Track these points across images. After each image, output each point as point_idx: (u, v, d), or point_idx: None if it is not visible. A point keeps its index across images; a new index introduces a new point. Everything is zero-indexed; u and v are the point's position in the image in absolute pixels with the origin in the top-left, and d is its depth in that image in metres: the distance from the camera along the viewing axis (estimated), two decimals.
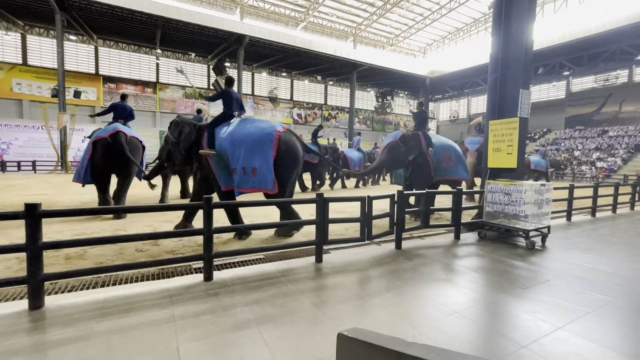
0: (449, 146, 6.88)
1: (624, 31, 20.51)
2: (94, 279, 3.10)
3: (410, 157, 6.50)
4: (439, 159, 6.63)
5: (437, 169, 6.64)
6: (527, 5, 5.32)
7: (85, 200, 7.70)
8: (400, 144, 6.57)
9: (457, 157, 6.83)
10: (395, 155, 6.60)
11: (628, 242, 5.12)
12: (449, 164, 6.69)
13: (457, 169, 6.75)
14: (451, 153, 6.77)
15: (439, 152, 6.64)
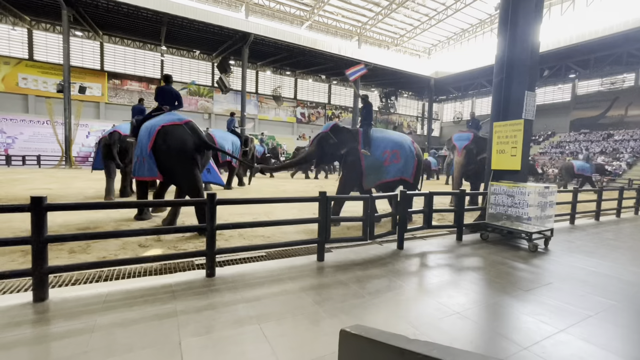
0: (395, 143, 6.05)
1: (631, 34, 20.31)
2: (97, 272, 3.13)
3: (342, 151, 5.91)
4: (378, 158, 5.88)
5: (378, 169, 5.90)
6: (534, 6, 5.29)
7: (89, 195, 7.75)
8: (330, 135, 5.96)
9: (405, 155, 5.99)
10: (324, 147, 5.99)
11: (632, 247, 5.09)
12: (394, 162, 5.93)
13: (404, 167, 5.97)
14: (397, 150, 5.99)
15: (381, 149, 5.92)
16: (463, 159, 7.90)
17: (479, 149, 7.86)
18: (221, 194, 8.75)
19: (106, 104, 24.53)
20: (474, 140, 7.98)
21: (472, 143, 7.94)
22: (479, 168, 7.85)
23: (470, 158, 7.90)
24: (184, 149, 4.70)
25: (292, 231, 5.16)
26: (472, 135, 8.06)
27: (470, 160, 7.90)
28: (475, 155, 7.88)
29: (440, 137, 39.37)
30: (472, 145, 7.90)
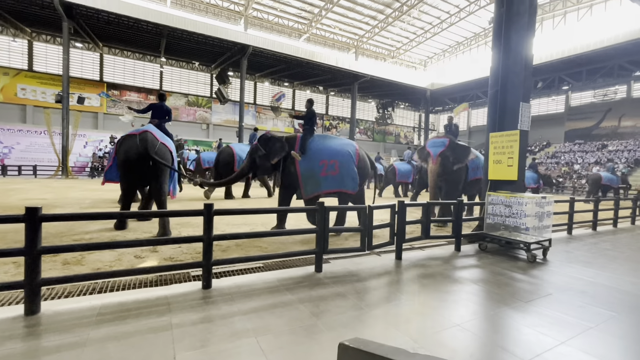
0: (333, 152, 5.61)
1: (622, 47, 20.81)
2: (91, 284, 3.07)
3: (272, 161, 5.68)
4: (314, 168, 5.50)
5: (314, 178, 5.49)
6: (527, 20, 5.42)
7: (85, 205, 7.69)
8: (258, 147, 5.78)
9: (344, 165, 5.56)
10: (254, 159, 5.83)
11: (629, 257, 5.09)
12: (331, 173, 5.50)
13: (341, 179, 5.52)
14: (335, 160, 5.54)
15: (318, 158, 5.53)
16: (438, 167, 7.04)
17: (455, 156, 7.12)
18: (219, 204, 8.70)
19: (104, 114, 24.59)
20: (450, 146, 7.17)
21: (449, 150, 7.13)
22: (456, 178, 7.27)
23: (446, 166, 7.07)
24: (126, 158, 5.21)
25: (289, 242, 5.12)
26: (447, 141, 7.21)
27: (447, 168, 7.07)
28: (452, 164, 7.08)
29: None
30: (448, 152, 7.11)
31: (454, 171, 7.17)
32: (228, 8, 27.58)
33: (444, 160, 7.09)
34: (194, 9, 26.96)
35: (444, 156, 7.10)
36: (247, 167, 5.94)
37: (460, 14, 28.94)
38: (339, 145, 5.78)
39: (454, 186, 7.29)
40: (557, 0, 26.74)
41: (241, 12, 27.97)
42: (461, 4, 27.77)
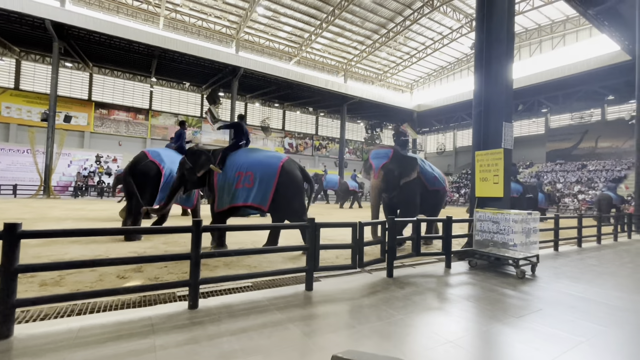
0: (252, 164, 5.43)
1: (594, 73, 22.14)
2: (69, 306, 2.92)
3: (198, 174, 5.59)
4: (229, 179, 5.36)
5: (228, 190, 5.34)
6: (506, 46, 5.74)
7: (65, 226, 7.42)
8: (186, 161, 5.71)
9: (260, 179, 5.30)
10: (183, 173, 5.73)
11: (614, 272, 5.18)
12: (245, 185, 5.29)
13: (256, 193, 5.27)
14: (251, 172, 5.34)
15: (235, 169, 5.41)
16: (380, 181, 6.25)
17: (402, 169, 6.31)
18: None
19: (91, 133, 24.28)
20: (394, 158, 6.39)
21: (392, 162, 6.34)
22: (409, 194, 6.40)
23: (389, 181, 6.27)
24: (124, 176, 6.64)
25: (279, 260, 5.02)
26: (391, 152, 6.44)
27: (390, 183, 6.29)
28: (397, 178, 6.29)
29: None
30: (391, 165, 6.30)
31: (403, 187, 6.35)
32: (220, 31, 28.28)
33: (387, 174, 6.27)
34: (186, 32, 27.53)
35: (387, 169, 6.28)
36: (177, 182, 5.81)
37: (444, 40, 30.44)
38: (262, 158, 5.54)
39: (410, 203, 6.43)
40: (533, 30, 28.50)
41: (233, 35, 28.70)
42: (444, 31, 29.27)
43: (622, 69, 19.85)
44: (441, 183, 7.09)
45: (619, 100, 25.01)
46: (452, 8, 25.96)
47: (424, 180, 6.60)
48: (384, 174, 6.28)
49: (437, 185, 6.93)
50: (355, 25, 27.94)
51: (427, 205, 6.84)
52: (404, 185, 6.35)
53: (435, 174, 7.03)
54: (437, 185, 6.93)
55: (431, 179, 6.82)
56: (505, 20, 5.81)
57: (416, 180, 6.42)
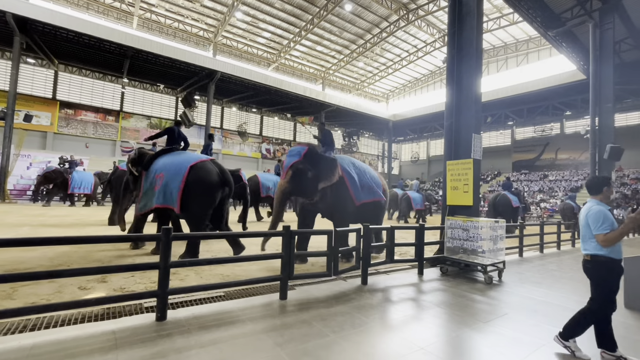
0: (164, 165, 5.42)
1: (553, 90, 23.86)
2: (22, 321, 2.70)
3: (129, 175, 5.89)
4: (151, 182, 5.43)
5: (149, 193, 5.39)
6: (475, 62, 6.06)
7: (22, 232, 6.89)
8: (130, 166, 6.02)
9: (165, 179, 5.22)
10: (128, 177, 6.10)
11: (572, 277, 5.52)
12: (157, 187, 5.26)
13: (160, 194, 5.20)
14: (162, 173, 5.29)
15: (155, 171, 5.46)
16: (287, 182, 5.20)
17: (317, 171, 5.33)
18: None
19: (55, 134, 22.88)
20: (308, 157, 5.34)
21: (305, 161, 5.29)
22: (336, 204, 5.51)
23: (300, 183, 5.24)
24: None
25: (254, 269, 4.93)
26: (305, 150, 5.40)
27: (301, 186, 5.27)
28: (312, 180, 5.28)
29: (400, 175, 41.42)
30: (303, 165, 5.25)
31: (328, 193, 5.46)
32: (197, 34, 27.79)
33: (296, 175, 5.21)
34: (161, 33, 26.81)
35: (296, 169, 5.22)
36: (125, 184, 6.33)
37: (418, 53, 31.66)
38: (178, 159, 5.45)
39: (341, 212, 5.60)
40: (500, 47, 30.31)
41: (210, 39, 28.29)
42: (419, 44, 30.45)
43: (578, 87, 21.51)
44: (378, 194, 6.09)
45: (576, 116, 27.05)
46: (427, 23, 27.10)
47: (349, 186, 5.58)
48: (292, 175, 5.21)
49: (370, 197, 5.91)
50: (334, 34, 28.44)
51: (360, 217, 5.79)
52: (329, 191, 5.44)
53: (371, 183, 6.07)
54: (371, 196, 5.93)
55: (365, 187, 5.88)
56: (474, 37, 6.14)
57: (342, 186, 5.53)
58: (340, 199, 5.53)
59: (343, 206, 5.56)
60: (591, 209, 2.57)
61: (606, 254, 2.49)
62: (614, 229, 2.45)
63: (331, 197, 5.48)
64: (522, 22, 21.88)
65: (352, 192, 5.59)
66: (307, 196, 5.47)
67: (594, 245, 2.54)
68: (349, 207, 5.60)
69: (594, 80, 12.10)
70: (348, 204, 5.58)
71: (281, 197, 5.25)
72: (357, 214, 5.73)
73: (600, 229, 2.46)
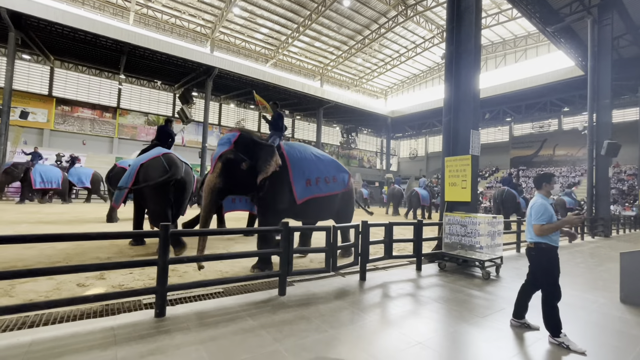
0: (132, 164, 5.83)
1: (551, 87, 23.86)
2: (20, 318, 2.69)
3: None
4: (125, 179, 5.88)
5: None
6: (473, 57, 6.04)
7: (20, 230, 6.86)
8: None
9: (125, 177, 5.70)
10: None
11: (569, 272, 5.56)
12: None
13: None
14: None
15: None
16: (216, 177, 4.37)
17: (253, 161, 4.56)
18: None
19: (51, 131, 22.72)
20: (239, 144, 4.54)
21: (236, 150, 4.48)
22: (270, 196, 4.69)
23: (229, 175, 4.44)
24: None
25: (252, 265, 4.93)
26: (236, 136, 4.59)
27: (230, 178, 4.47)
28: (246, 173, 4.50)
29: (398, 172, 41.47)
30: (233, 154, 4.45)
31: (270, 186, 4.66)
32: (194, 30, 27.57)
33: (225, 166, 4.42)
34: (158, 29, 26.58)
35: (225, 160, 4.42)
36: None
37: (417, 49, 31.54)
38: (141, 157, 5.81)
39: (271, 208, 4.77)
40: (498, 43, 30.23)
41: (208, 35, 28.08)
42: (417, 40, 30.34)
43: (576, 83, 21.53)
44: (337, 185, 5.42)
45: (574, 112, 27.09)
46: (425, 19, 26.97)
47: (291, 179, 4.82)
48: (221, 167, 4.40)
49: (325, 191, 5.19)
50: (332, 30, 28.29)
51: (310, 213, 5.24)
52: (268, 185, 4.64)
53: (331, 174, 5.37)
54: (326, 190, 5.21)
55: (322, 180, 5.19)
56: (473, 33, 6.12)
57: (283, 178, 4.76)
58: (275, 193, 4.69)
59: (276, 201, 4.71)
60: (536, 202, 2.90)
61: (546, 242, 2.85)
62: (551, 222, 2.78)
63: (268, 191, 4.68)
64: (521, 18, 21.80)
65: (293, 186, 4.78)
66: (244, 192, 4.86)
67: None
68: (282, 203, 4.74)
69: (592, 76, 12.11)
70: (284, 199, 4.75)
71: (210, 195, 4.32)
72: (300, 210, 4.99)
73: (539, 220, 2.79)
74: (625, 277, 4.04)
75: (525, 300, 3.02)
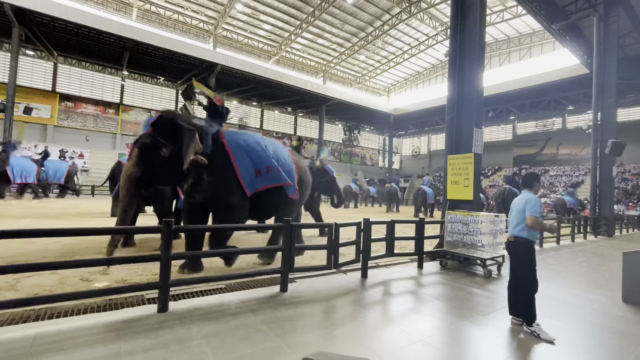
0: None
1: (556, 85, 23.67)
2: (25, 311, 2.72)
3: None
4: None
5: None
6: (477, 55, 6.00)
7: (24, 225, 6.92)
8: None
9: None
10: None
11: (571, 271, 5.55)
12: None
13: None
14: None
15: None
16: (133, 165, 3.83)
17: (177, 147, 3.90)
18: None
19: (55, 127, 22.81)
20: (158, 126, 3.95)
21: (154, 134, 3.90)
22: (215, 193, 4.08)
23: (147, 163, 3.85)
24: None
25: (255, 261, 4.95)
26: (154, 118, 4.02)
27: (150, 166, 3.87)
28: (169, 160, 3.88)
29: (401, 170, 41.37)
30: (150, 139, 3.86)
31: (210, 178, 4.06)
32: (197, 26, 27.52)
33: (142, 153, 3.84)
34: (161, 25, 26.56)
35: (142, 146, 3.85)
36: None
37: (420, 46, 31.35)
38: None
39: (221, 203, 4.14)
40: (502, 41, 29.99)
41: (210, 31, 28.02)
42: (421, 37, 30.15)
43: (581, 82, 21.34)
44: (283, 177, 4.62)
45: (578, 111, 26.88)
46: (429, 16, 26.78)
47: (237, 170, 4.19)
48: (138, 154, 3.83)
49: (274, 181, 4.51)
50: (335, 27, 28.14)
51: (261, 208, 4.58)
52: (206, 176, 4.05)
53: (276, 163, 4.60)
54: (277, 179, 4.54)
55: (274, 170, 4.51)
56: (477, 31, 6.08)
57: (226, 169, 4.18)
58: (221, 187, 4.09)
59: (225, 196, 4.11)
60: (530, 197, 3.05)
61: (525, 236, 3.01)
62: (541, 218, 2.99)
63: (210, 184, 4.05)
64: (526, 15, 21.59)
65: (241, 178, 4.19)
66: (169, 182, 4.34)
67: (520, 228, 3.03)
68: (234, 198, 4.16)
69: (597, 74, 12.00)
70: (233, 193, 4.16)
71: (127, 186, 3.80)
72: (252, 204, 4.40)
73: (534, 212, 2.95)
74: (627, 276, 4.03)
75: (516, 296, 3.09)
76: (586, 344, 2.63)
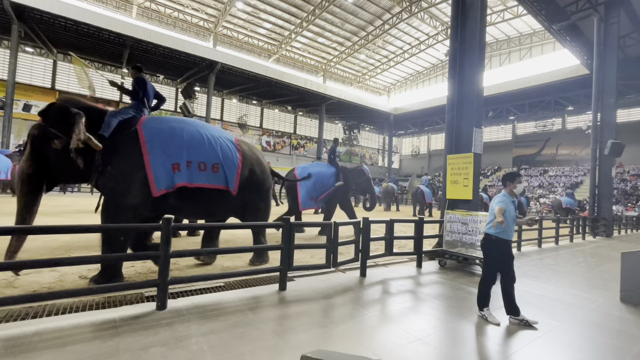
0: None
1: (556, 85, 23.70)
2: (24, 308, 2.72)
3: None
4: None
5: None
6: (478, 54, 5.99)
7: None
8: None
9: None
10: None
11: (569, 271, 5.56)
12: None
13: None
14: None
15: None
16: (26, 160, 3.39)
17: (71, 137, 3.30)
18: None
19: None
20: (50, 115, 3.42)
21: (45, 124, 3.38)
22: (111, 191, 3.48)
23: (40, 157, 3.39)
24: None
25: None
26: (45, 108, 3.47)
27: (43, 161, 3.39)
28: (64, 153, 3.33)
29: (400, 169, 41.39)
30: (40, 130, 3.38)
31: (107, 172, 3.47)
32: (197, 24, 27.46)
33: (34, 146, 3.39)
34: (161, 22, 26.50)
35: (33, 138, 3.40)
36: None
37: (420, 46, 31.33)
38: None
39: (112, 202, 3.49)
40: (503, 41, 29.99)
41: (210, 29, 27.97)
42: (421, 37, 30.12)
43: (581, 82, 21.37)
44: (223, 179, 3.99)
45: (578, 111, 26.92)
46: (429, 15, 26.76)
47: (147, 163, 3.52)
48: (30, 148, 3.41)
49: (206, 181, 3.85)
50: (336, 26, 28.11)
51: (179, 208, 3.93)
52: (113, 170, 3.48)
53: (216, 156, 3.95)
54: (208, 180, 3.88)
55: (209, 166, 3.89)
56: (478, 30, 6.07)
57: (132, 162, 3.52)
58: (117, 181, 3.48)
59: (119, 193, 3.47)
60: (498, 195, 3.26)
61: (494, 233, 3.14)
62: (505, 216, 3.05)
63: (109, 176, 3.49)
64: (527, 15, 21.59)
65: (150, 173, 3.51)
66: (73, 178, 3.64)
67: (489, 226, 3.19)
68: (131, 197, 3.47)
69: (597, 75, 12.01)
70: (132, 190, 3.48)
71: (19, 186, 3.37)
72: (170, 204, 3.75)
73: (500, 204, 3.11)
74: (625, 276, 4.04)
75: (509, 294, 3.14)
76: (584, 344, 2.63)
